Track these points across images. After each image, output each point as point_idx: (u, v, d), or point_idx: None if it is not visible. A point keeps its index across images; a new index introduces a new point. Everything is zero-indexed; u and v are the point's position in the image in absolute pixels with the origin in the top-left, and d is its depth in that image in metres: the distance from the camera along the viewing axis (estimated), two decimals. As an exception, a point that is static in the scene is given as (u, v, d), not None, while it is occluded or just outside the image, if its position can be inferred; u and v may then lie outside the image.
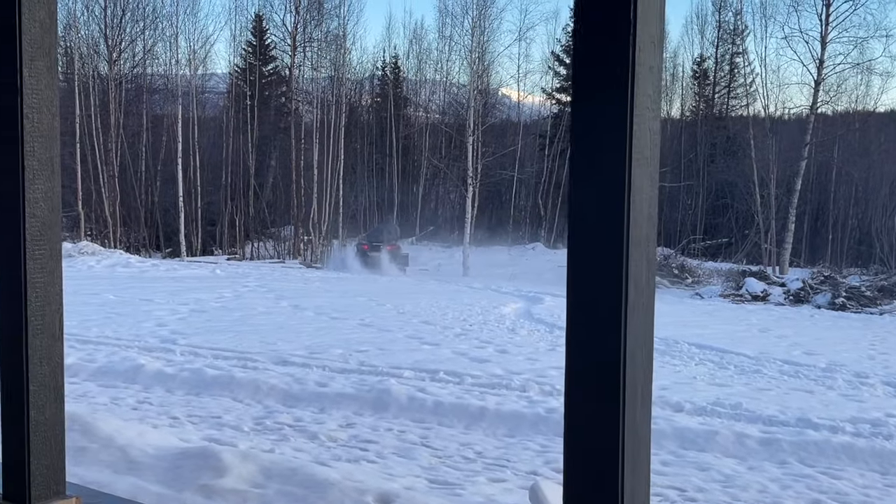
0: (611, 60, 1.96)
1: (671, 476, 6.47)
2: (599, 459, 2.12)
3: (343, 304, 15.83)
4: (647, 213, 2.14)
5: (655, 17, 2.08)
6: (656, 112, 2.15)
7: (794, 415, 8.33)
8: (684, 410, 8.46)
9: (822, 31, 32.65)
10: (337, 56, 39.60)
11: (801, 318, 19.80)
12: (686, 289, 29.26)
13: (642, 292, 2.14)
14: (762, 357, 12.15)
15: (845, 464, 6.96)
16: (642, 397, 2.20)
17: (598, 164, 2.02)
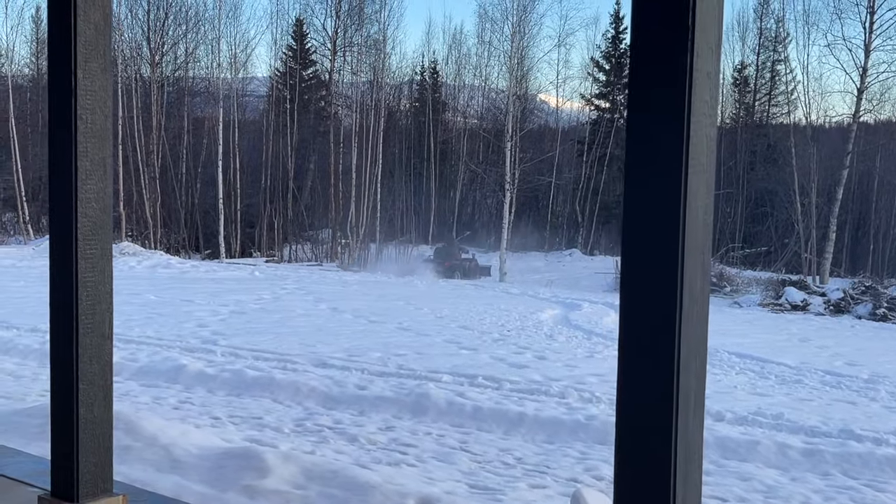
0: (669, 66, 1.96)
1: (713, 486, 6.42)
2: (651, 466, 2.12)
3: (381, 308, 15.88)
4: (702, 220, 2.13)
5: (714, 23, 2.07)
6: (713, 119, 2.14)
7: (837, 426, 8.24)
8: (725, 420, 8.39)
9: (865, 38, 32.30)
10: (376, 60, 39.77)
11: (842, 329, 19.58)
12: (725, 297, 29.00)
13: (696, 300, 2.13)
14: (803, 367, 12.03)
15: (889, 476, 6.87)
16: (695, 406, 2.20)
17: (654, 170, 2.01)
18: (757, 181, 42.48)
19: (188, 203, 37.57)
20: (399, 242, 38.48)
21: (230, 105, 37.39)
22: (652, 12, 1.98)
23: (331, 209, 37.61)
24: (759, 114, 47.39)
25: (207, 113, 39.45)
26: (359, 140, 37.69)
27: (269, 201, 37.81)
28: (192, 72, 40.72)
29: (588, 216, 44.24)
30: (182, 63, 40.32)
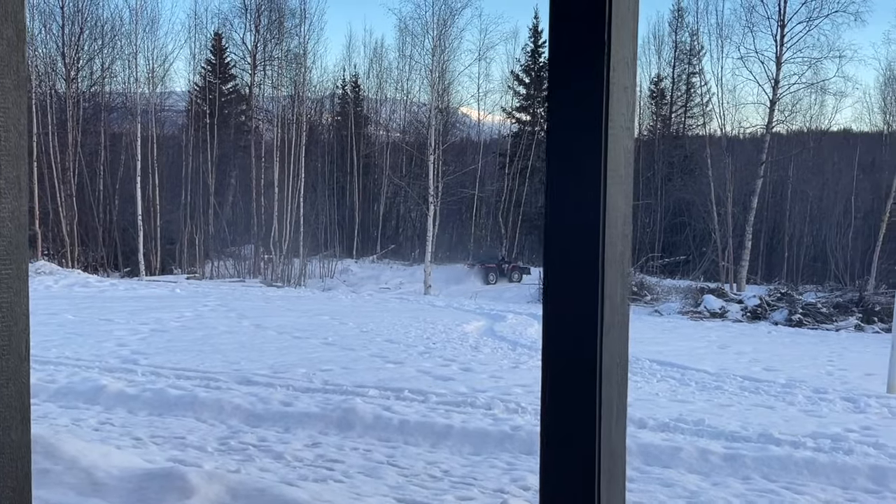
0: (586, 81, 2.00)
1: (637, 492, 6.52)
2: (575, 476, 2.15)
3: (305, 323, 15.77)
4: (621, 230, 2.18)
5: (629, 38, 2.13)
6: (630, 131, 2.19)
7: (757, 430, 8.42)
8: (648, 427, 8.52)
9: (777, 51, 33.22)
10: (297, 75, 39.56)
11: (760, 335, 20.04)
12: (645, 306, 29.48)
13: (617, 310, 2.18)
14: (722, 373, 12.28)
15: (807, 479, 7.04)
16: (618, 414, 2.24)
17: (573, 182, 2.05)
18: (675, 191, 43.30)
19: (106, 220, 36.84)
20: (323, 257, 38.28)
21: (148, 120, 36.79)
22: (569, 28, 2.02)
23: (253, 224, 37.26)
24: (676, 125, 48.38)
25: (125, 128, 38.76)
26: (280, 154, 37.44)
27: (190, 217, 37.29)
28: (109, 87, 40.00)
29: (511, 228, 44.59)
30: (98, 78, 39.59)
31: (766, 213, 41.39)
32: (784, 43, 33.10)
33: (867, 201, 39.30)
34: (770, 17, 33.71)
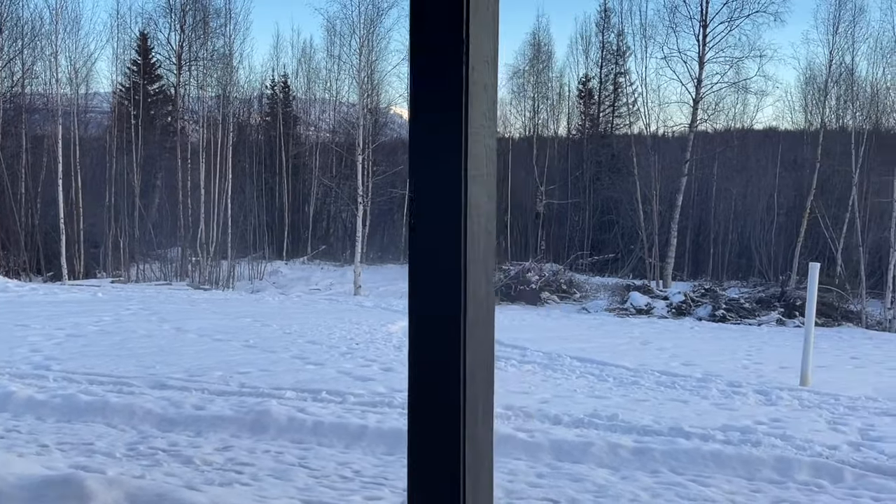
0: (445, 79, 2.01)
1: (546, 488, 6.57)
2: (441, 476, 2.16)
3: (228, 326, 15.60)
4: (485, 228, 2.19)
5: (489, 37, 2.14)
6: (492, 129, 2.21)
7: (668, 424, 8.55)
8: (563, 423, 8.60)
9: (699, 51, 33.76)
10: (223, 75, 39.11)
11: (682, 330, 20.35)
12: (574, 304, 29.79)
13: (481, 308, 2.19)
14: (641, 369, 12.45)
15: (714, 471, 7.17)
16: (484, 412, 2.25)
17: (435, 180, 2.06)
18: (603, 190, 43.78)
19: (28, 224, 36.01)
20: (252, 258, 37.92)
21: (71, 122, 36.05)
22: (427, 26, 2.02)
23: (180, 226, 36.74)
24: (604, 125, 48.90)
25: (47, 130, 37.91)
26: (207, 155, 36.98)
27: (115, 220, 36.63)
28: (30, 88, 39.10)
29: (442, 228, 44.60)
30: (19, 80, 38.66)
31: (692, 210, 42.05)
32: (706, 43, 33.68)
33: (790, 198, 40.13)
34: (692, 17, 34.30)
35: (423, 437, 2.21)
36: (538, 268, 32.14)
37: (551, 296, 30.59)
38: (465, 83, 2.02)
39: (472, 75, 2.05)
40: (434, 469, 2.19)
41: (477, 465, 2.26)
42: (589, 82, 48.06)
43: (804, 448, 7.83)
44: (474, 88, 2.06)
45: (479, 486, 2.29)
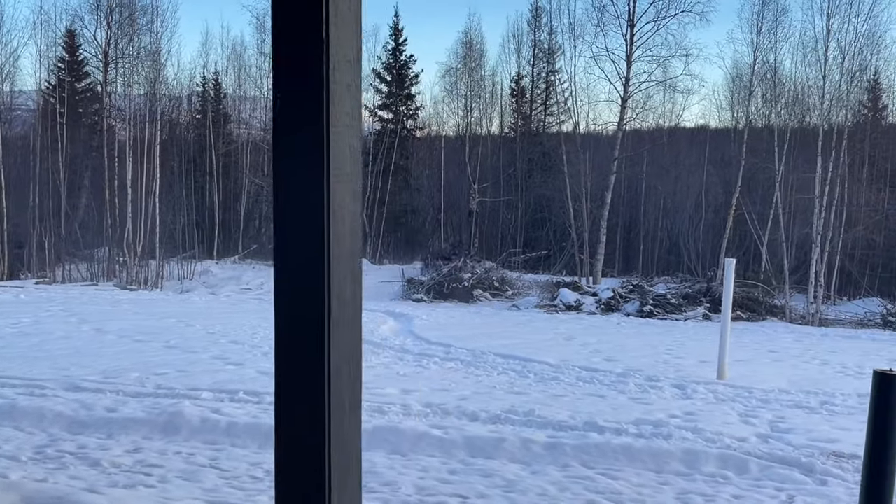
0: (306, 79, 2.00)
1: (456, 484, 6.59)
2: (307, 470, 2.16)
3: (150, 327, 15.39)
4: (350, 227, 2.19)
5: (351, 37, 2.14)
6: (357, 129, 2.21)
7: (583, 419, 8.65)
8: (479, 419, 8.65)
9: (627, 50, 34.13)
10: (150, 72, 38.54)
11: (609, 326, 20.58)
12: (506, 301, 29.88)
13: (347, 306, 2.19)
14: (563, 365, 12.57)
15: (624, 464, 7.27)
16: (350, 408, 2.25)
17: (298, 180, 2.06)
18: (535, 188, 44.05)
19: (-50, 225, 35.13)
20: (182, 258, 37.42)
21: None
22: (288, 26, 2.02)
23: (106, 226, 36.10)
24: (536, 123, 49.20)
25: (-31, 128, 37.00)
26: (135, 154, 36.39)
27: (39, 220, 35.88)
28: (-48, 86, 38.12)
29: (376, 226, 44.55)
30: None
31: (622, 208, 42.55)
32: (634, 42, 34.06)
33: (718, 195, 40.76)
34: (620, 16, 34.65)
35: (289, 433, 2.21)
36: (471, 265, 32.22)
37: (483, 293, 30.66)
38: (326, 83, 2.02)
39: (335, 75, 2.04)
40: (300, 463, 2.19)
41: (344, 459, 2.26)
42: (521, 81, 48.33)
43: (714, 441, 7.98)
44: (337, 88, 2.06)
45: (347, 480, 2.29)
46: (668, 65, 37.46)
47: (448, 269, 31.32)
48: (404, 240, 46.22)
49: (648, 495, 6.51)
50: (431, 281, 30.07)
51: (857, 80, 33.13)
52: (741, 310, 25.93)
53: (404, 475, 6.77)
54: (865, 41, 31.95)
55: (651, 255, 41.98)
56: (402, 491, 6.39)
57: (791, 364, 14.30)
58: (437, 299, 29.04)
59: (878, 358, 15.77)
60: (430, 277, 30.58)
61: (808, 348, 17.19)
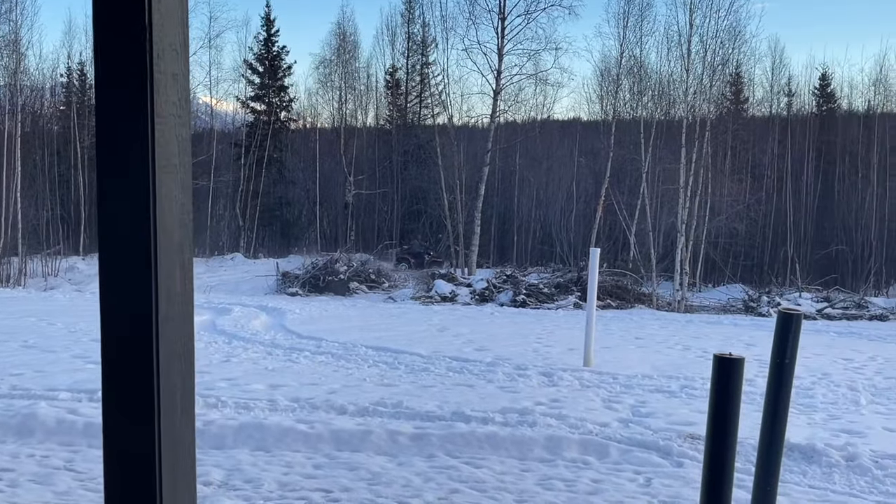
0: (129, 67, 1.93)
1: (320, 479, 6.55)
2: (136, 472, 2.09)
3: (7, 326, 14.79)
4: (178, 219, 2.13)
5: (176, 24, 2.07)
6: (185, 119, 2.14)
7: (451, 409, 8.70)
8: (348, 413, 8.61)
9: (498, 43, 34.51)
10: (10, 62, 37.02)
11: (482, 316, 20.77)
12: (382, 293, 29.90)
13: (176, 300, 2.12)
14: (434, 356, 12.62)
15: (488, 453, 7.35)
16: (182, 407, 2.19)
17: (122, 171, 1.98)
18: (411, 180, 44.21)
19: None
20: (46, 254, 36.12)
21: None
22: (108, 12, 1.94)
23: (-37, 222, 34.57)
24: (411, 115, 49.32)
25: None
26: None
27: None
28: None
29: (250, 219, 43.94)
30: None
31: (497, 199, 43.07)
32: (505, 35, 34.50)
33: (589, 186, 41.71)
34: (491, 10, 35.06)
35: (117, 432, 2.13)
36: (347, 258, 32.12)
37: (360, 286, 30.59)
38: (150, 72, 1.95)
39: (159, 64, 1.98)
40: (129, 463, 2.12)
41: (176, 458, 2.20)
42: (396, 73, 48.37)
43: (577, 427, 8.14)
44: (162, 77, 1.99)
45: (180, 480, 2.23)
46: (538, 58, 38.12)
47: (324, 262, 31.15)
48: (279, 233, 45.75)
49: (511, 482, 6.61)
50: (307, 274, 29.84)
51: (719, 74, 34.34)
52: (610, 298, 26.60)
53: (267, 471, 6.69)
54: (727, 36, 33.13)
55: (525, 245, 42.64)
56: (264, 487, 6.32)
57: (655, 350, 14.71)
58: (313, 293, 28.85)
59: (739, 342, 16.37)
60: (306, 271, 30.35)
61: (673, 334, 17.71)
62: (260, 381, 10.19)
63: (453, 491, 6.34)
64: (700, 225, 33.15)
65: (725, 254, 38.26)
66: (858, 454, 7.23)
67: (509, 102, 37.44)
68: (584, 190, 42.03)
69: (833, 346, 15.95)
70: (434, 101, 46.41)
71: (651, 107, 35.90)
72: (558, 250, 38.87)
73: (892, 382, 11.65)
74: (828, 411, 9.49)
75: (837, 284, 33.73)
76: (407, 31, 47.36)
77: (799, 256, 39.37)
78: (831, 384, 11.19)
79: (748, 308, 27.71)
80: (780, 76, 47.71)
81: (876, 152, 41.97)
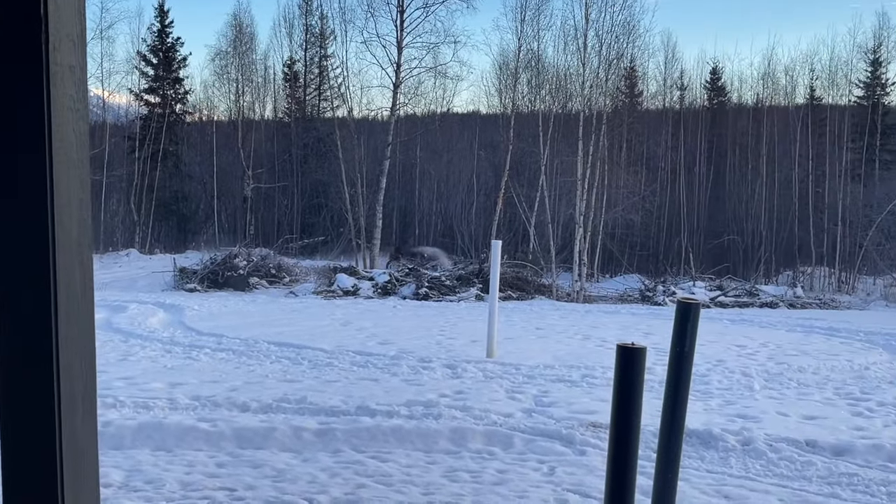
0: (24, 59, 1.86)
1: (224, 477, 6.46)
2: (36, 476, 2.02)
3: None
4: (77, 216, 2.06)
5: (73, 14, 2.00)
6: (83, 113, 2.07)
7: (356, 403, 8.68)
8: (250, 410, 8.51)
9: (397, 36, 34.47)
10: None
11: (385, 310, 20.75)
12: (283, 288, 29.59)
13: (77, 299, 2.06)
14: (338, 350, 12.57)
15: (394, 446, 7.35)
16: (84, 409, 2.13)
17: (18, 167, 1.91)
18: (311, 173, 43.86)
19: None
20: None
21: None
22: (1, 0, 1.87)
23: None
24: (311, 108, 48.90)
25: None
26: None
27: None
28: None
29: (145, 214, 42.98)
30: None
31: (398, 192, 43.07)
32: (404, 28, 34.46)
33: (489, 179, 42.02)
34: (389, 2, 34.94)
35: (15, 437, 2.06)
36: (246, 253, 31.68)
37: (260, 281, 30.21)
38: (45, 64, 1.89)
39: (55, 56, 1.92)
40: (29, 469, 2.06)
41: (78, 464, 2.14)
42: (294, 65, 47.88)
43: (481, 418, 8.20)
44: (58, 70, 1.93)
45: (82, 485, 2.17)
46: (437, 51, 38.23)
47: (223, 257, 30.67)
48: (176, 228, 44.90)
49: (417, 475, 6.62)
50: (205, 270, 29.34)
51: (614, 68, 34.94)
52: (511, 289, 26.87)
53: (169, 471, 6.57)
54: (621, 30, 33.72)
55: (426, 238, 42.74)
56: (166, 488, 6.20)
57: (556, 340, 14.92)
58: (212, 289, 28.38)
59: (636, 331, 16.74)
60: (204, 266, 29.84)
61: (573, 324, 18.00)
62: (159, 380, 10.00)
63: (360, 486, 6.32)
64: (598, 216, 33.73)
65: (622, 245, 39.04)
66: (753, 438, 7.46)
67: (409, 95, 37.48)
68: (484, 182, 42.34)
69: (726, 334, 16.44)
70: (333, 93, 46.06)
71: (549, 100, 36.36)
72: (460, 243, 39.05)
73: (783, 368, 12.06)
74: (723, 397, 9.78)
75: (729, 273, 34.76)
76: (305, 22, 46.92)
77: (693, 246, 40.43)
78: (726, 370, 11.53)
79: (644, 297, 28.32)
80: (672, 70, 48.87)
81: (765, 144, 43.35)
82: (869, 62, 44.85)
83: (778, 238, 41.01)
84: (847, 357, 13.44)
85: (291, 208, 44.56)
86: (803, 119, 42.16)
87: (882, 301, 30.07)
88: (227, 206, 44.81)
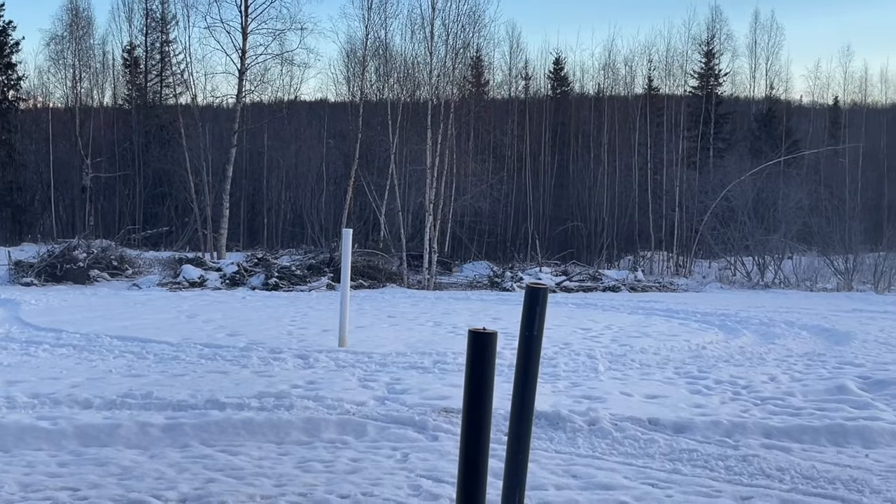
0: None
1: (66, 477, 6.21)
2: None
3: None
4: None
5: None
6: None
7: (204, 397, 8.49)
8: (93, 406, 8.20)
9: (242, 21, 33.79)
10: None
11: (233, 301, 20.42)
12: (126, 280, 28.66)
13: None
14: (184, 343, 12.29)
15: (245, 439, 7.23)
16: None
17: None
18: (153, 162, 42.58)
19: None
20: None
21: None
22: None
23: None
24: (152, 95, 47.46)
25: None
26: None
27: None
28: None
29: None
30: None
31: (245, 181, 42.33)
32: (249, 14, 33.80)
33: (338, 167, 41.77)
34: (234, -13, 34.18)
35: None
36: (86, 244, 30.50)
37: (102, 273, 29.15)
38: None
39: None
40: None
41: None
42: (134, 51, 46.35)
43: (334, 407, 8.16)
44: None
45: None
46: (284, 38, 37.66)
47: (61, 250, 29.45)
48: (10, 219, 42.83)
49: (269, 467, 6.54)
50: (42, 263, 28.09)
51: (461, 57, 35.24)
52: (363, 278, 26.84)
53: (7, 472, 6.27)
54: (467, 19, 33.99)
55: (275, 227, 42.21)
56: (4, 489, 5.91)
57: (408, 328, 15.01)
58: (51, 282, 27.20)
59: (486, 317, 17.01)
60: (41, 259, 28.57)
61: (424, 311, 18.15)
62: (-6, 379, 9.53)
63: (209, 480, 6.19)
64: (447, 204, 34.03)
65: (471, 232, 39.53)
66: (599, 418, 7.69)
67: (255, 83, 36.78)
68: (334, 171, 42.07)
69: (572, 317, 16.90)
70: (176, 80, 44.83)
71: (397, 88, 36.37)
72: (309, 232, 38.66)
73: (626, 349, 12.50)
74: (570, 379, 10.04)
75: (574, 258, 35.72)
76: (145, 7, 45.49)
77: (539, 233, 41.34)
78: (572, 353, 11.86)
79: (493, 284, 28.79)
80: (517, 60, 49.76)
81: (606, 133, 44.66)
82: (703, 54, 46.79)
83: (619, 224, 42.35)
84: (685, 337, 14.04)
85: (133, 198, 43.19)
86: (642, 108, 43.63)
87: (716, 283, 31.49)
88: (65, 196, 43.05)
